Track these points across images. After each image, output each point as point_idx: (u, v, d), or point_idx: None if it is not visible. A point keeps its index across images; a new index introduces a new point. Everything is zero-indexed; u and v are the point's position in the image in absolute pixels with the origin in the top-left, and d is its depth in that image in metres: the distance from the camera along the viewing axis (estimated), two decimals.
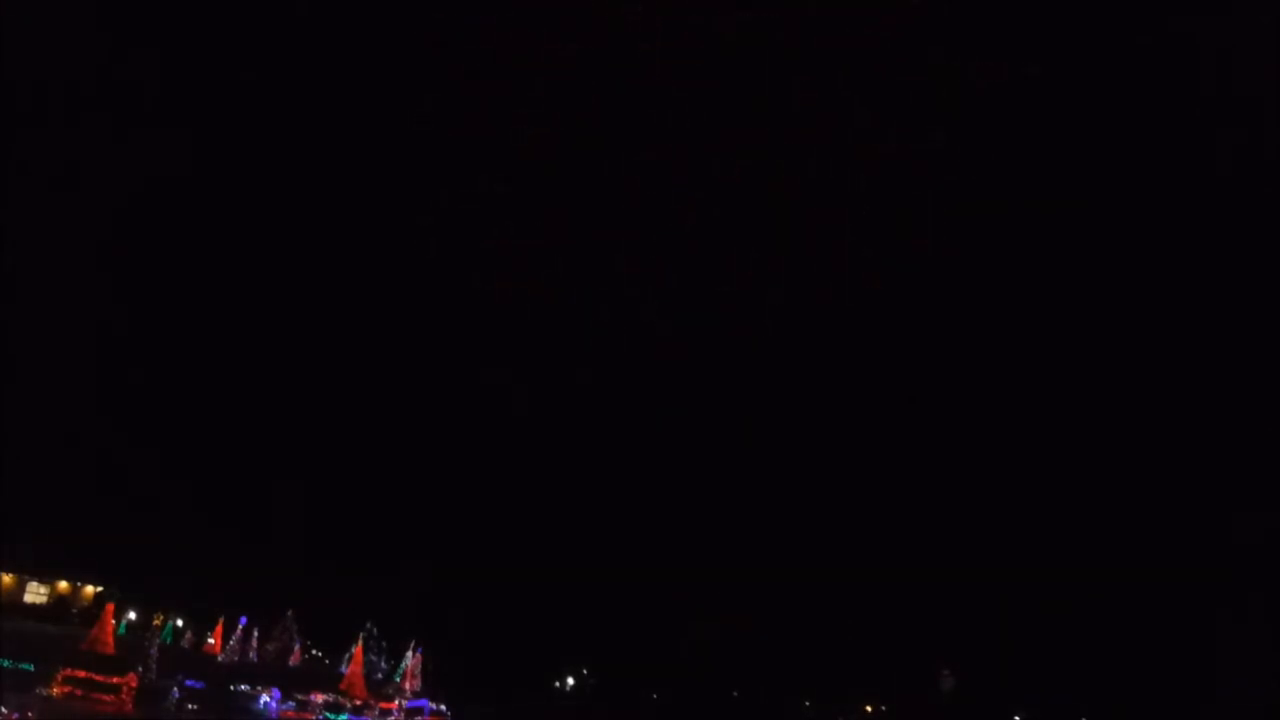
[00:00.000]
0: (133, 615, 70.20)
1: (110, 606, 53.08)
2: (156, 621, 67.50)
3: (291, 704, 42.71)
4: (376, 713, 44.78)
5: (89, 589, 73.71)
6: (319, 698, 44.48)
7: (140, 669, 37.09)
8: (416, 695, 51.20)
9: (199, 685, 40.73)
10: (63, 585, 73.69)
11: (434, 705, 49.35)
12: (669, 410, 64.82)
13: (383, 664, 63.98)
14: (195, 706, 37.71)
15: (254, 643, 61.98)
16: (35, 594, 72.39)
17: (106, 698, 34.54)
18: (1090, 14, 67.29)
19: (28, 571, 71.60)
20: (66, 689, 34.38)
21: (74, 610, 69.61)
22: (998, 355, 71.51)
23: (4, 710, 29.84)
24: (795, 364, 70.90)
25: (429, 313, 67.42)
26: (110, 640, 49.00)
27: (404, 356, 66.85)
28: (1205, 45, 63.33)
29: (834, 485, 70.58)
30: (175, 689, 37.80)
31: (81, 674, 35.14)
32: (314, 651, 68.96)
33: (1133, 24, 65.81)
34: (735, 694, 74.15)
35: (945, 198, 74.46)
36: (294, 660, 62.73)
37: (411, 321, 67.08)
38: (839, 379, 71.90)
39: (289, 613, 64.44)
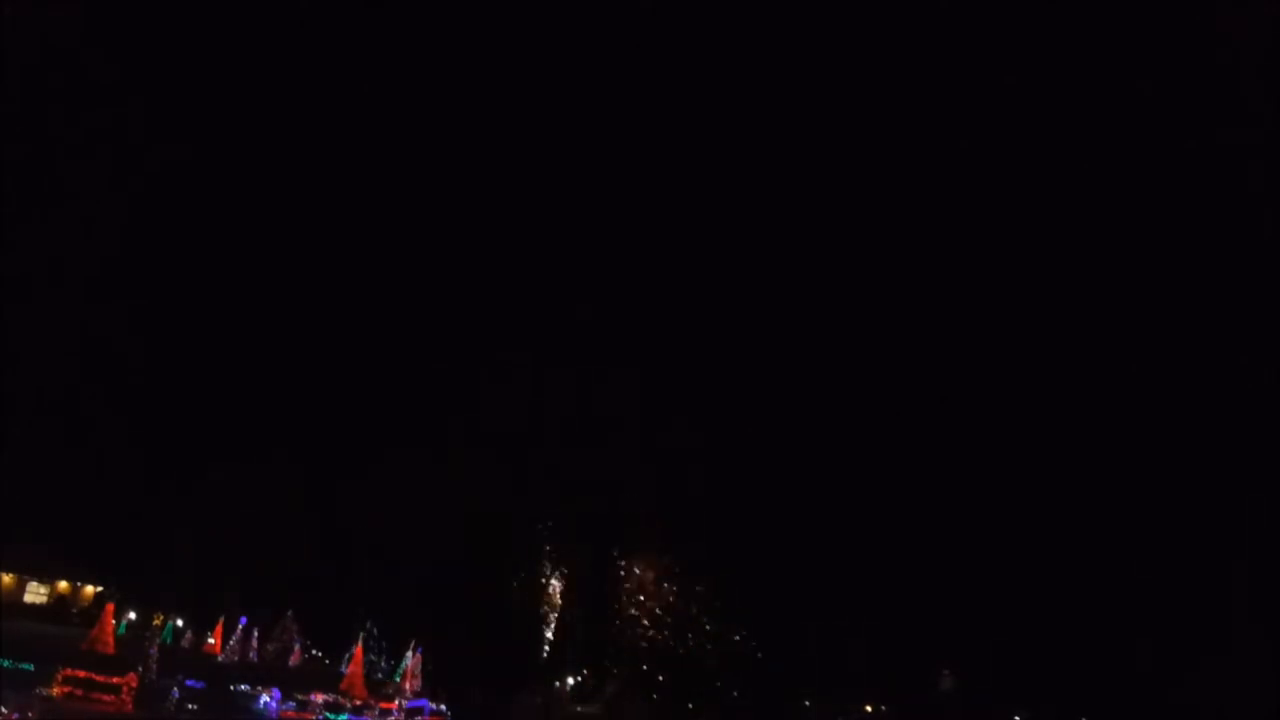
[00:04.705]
0: (133, 615, 70.33)
1: (110, 606, 53.23)
2: (156, 621, 67.63)
3: (292, 704, 42.77)
4: (376, 713, 44.85)
5: (89, 589, 73.84)
6: (319, 698, 44.58)
7: (140, 669, 37.14)
8: (416, 695, 51.29)
9: (199, 685, 40.79)
10: (63, 585, 73.82)
11: (434, 705, 49.42)
12: (667, 408, 64.82)
13: (383, 664, 64.11)
14: (195, 706, 37.75)
15: (254, 643, 62.09)
16: (35, 594, 72.55)
17: (106, 698, 34.61)
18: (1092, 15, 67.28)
19: (28, 571, 71.71)
20: (66, 689, 34.44)
21: (74, 610, 69.74)
22: (999, 354, 71.46)
23: (4, 710, 29.87)
24: (790, 368, 70.84)
25: (429, 314, 67.41)
26: (110, 640, 49.11)
27: (408, 357, 66.81)
28: (1205, 45, 63.33)
29: (833, 484, 70.52)
30: (175, 689, 37.84)
31: (81, 674, 35.23)
32: (314, 651, 69.07)
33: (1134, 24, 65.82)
34: (735, 694, 74.07)
35: (944, 198, 74.47)
36: (294, 660, 62.82)
37: (414, 325, 67.04)
38: (837, 379, 71.87)
39: (289, 613, 64.58)
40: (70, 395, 63.49)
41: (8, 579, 70.04)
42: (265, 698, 41.78)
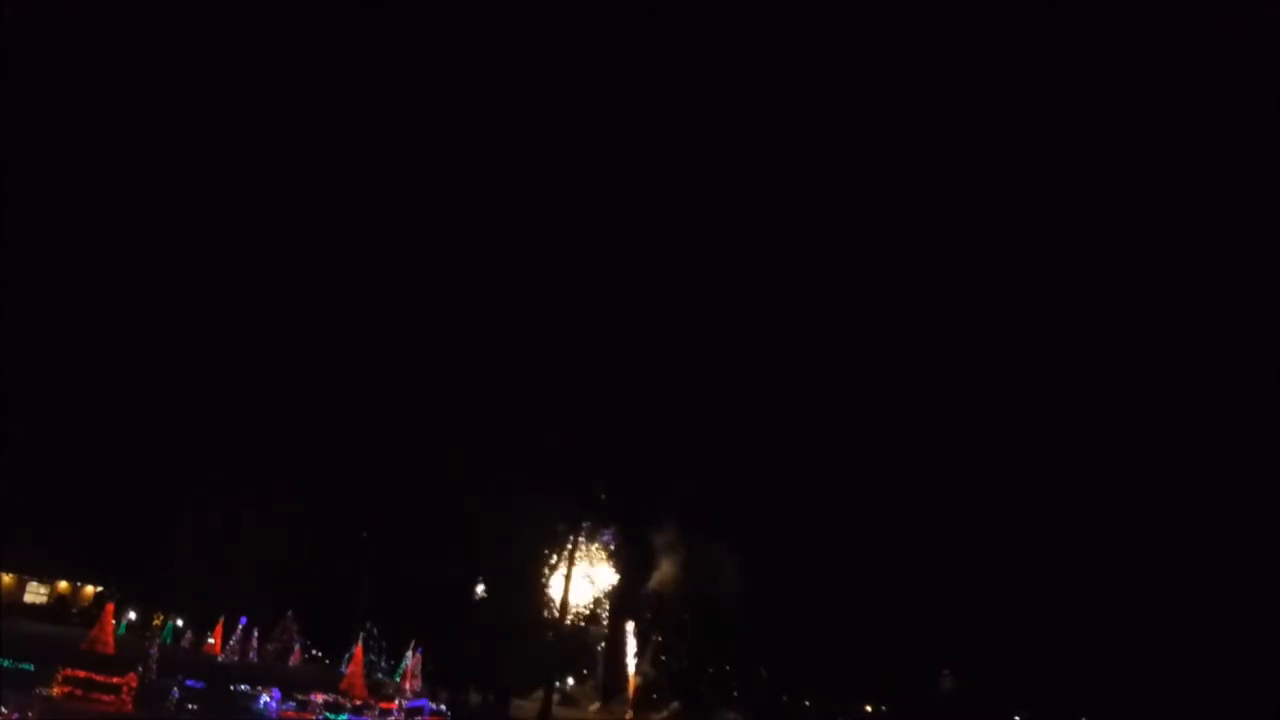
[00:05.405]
0: (133, 615, 70.36)
1: (110, 606, 53.13)
2: (156, 621, 67.66)
3: (292, 704, 42.73)
4: (376, 713, 44.81)
5: (89, 589, 73.86)
6: (319, 698, 44.52)
7: (140, 669, 37.12)
8: (416, 695, 51.27)
9: (199, 685, 40.75)
10: (63, 585, 73.83)
11: (434, 705, 49.38)
12: (667, 408, 64.82)
13: (383, 664, 64.14)
14: (195, 706, 37.72)
15: (254, 643, 62.10)
16: (35, 594, 72.54)
17: (106, 698, 34.56)
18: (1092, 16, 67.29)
19: (28, 571, 71.72)
20: (66, 689, 34.39)
21: (74, 610, 69.75)
22: (998, 355, 71.42)
23: (4, 710, 29.86)
24: (789, 369, 70.78)
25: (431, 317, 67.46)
26: (110, 640, 49.02)
27: (408, 357, 66.80)
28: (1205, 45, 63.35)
29: (832, 484, 70.50)
30: (175, 689, 37.81)
31: (81, 674, 35.16)
32: (314, 652, 69.09)
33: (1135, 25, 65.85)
34: (734, 694, 74.17)
35: (944, 198, 74.48)
36: (294, 660, 62.83)
37: (414, 325, 67.05)
38: (837, 380, 71.82)
39: (289, 613, 64.61)
40: (70, 395, 63.49)
41: (8, 579, 70.03)
42: (265, 698, 41.72)
